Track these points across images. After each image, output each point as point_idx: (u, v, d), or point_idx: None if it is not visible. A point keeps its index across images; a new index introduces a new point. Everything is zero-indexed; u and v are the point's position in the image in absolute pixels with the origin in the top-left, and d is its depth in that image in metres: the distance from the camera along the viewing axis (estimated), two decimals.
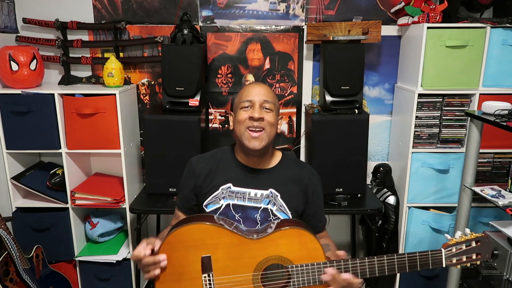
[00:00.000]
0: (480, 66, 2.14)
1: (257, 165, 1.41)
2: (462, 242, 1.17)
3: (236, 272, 1.19)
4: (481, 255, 1.18)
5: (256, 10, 2.39)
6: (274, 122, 1.38)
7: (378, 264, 1.18)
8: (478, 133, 1.79)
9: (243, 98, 1.38)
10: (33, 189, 2.24)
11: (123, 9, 2.38)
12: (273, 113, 1.37)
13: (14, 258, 1.90)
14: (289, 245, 1.19)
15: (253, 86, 1.42)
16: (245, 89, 1.42)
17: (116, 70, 2.20)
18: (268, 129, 1.34)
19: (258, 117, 1.33)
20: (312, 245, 1.20)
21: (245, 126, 1.34)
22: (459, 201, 1.89)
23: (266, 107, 1.36)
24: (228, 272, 1.19)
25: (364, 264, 1.18)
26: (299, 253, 1.19)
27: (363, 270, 1.18)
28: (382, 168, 2.45)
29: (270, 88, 1.45)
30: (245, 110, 1.36)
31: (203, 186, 1.39)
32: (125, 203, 2.26)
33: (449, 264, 1.16)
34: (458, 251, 1.17)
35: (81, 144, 2.20)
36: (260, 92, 1.38)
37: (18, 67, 2.12)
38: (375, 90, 2.51)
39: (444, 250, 1.17)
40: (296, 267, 1.18)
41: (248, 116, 1.34)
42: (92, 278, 2.37)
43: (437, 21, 2.10)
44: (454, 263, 1.17)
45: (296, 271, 1.18)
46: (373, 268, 1.18)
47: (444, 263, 1.16)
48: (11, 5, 2.33)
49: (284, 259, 1.20)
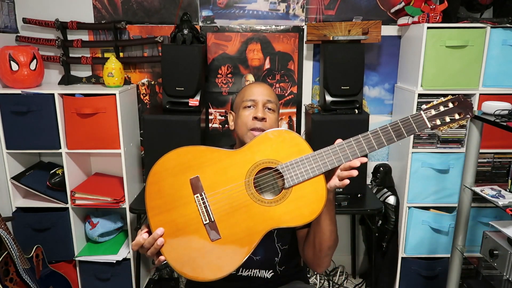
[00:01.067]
0: (480, 66, 2.14)
1: None
2: (439, 104, 1.17)
3: (227, 185, 1.16)
4: (463, 113, 1.17)
5: (256, 10, 2.39)
6: (276, 124, 1.38)
7: (365, 140, 1.15)
8: (478, 133, 1.79)
9: (246, 97, 1.38)
10: (33, 189, 2.24)
11: (123, 9, 2.38)
12: (275, 114, 1.38)
13: (14, 258, 1.90)
14: (273, 146, 1.17)
15: (256, 85, 1.42)
16: (247, 88, 1.42)
17: (116, 70, 2.20)
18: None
19: (261, 117, 1.33)
20: (295, 141, 1.17)
21: (248, 127, 1.34)
22: (459, 201, 1.89)
23: (268, 107, 1.37)
24: (219, 187, 1.16)
25: (351, 144, 1.15)
26: (285, 151, 1.16)
27: (352, 151, 1.15)
28: (382, 168, 2.45)
29: (271, 88, 1.44)
30: (248, 110, 1.36)
31: None
32: (125, 203, 2.26)
33: (433, 125, 1.15)
34: (437, 111, 1.16)
35: (81, 144, 2.20)
36: (263, 92, 1.38)
37: (18, 67, 2.12)
38: (375, 90, 2.51)
39: (423, 112, 1.16)
40: (285, 164, 1.15)
41: (252, 116, 1.34)
42: (92, 278, 2.37)
43: (437, 21, 2.10)
44: (439, 124, 1.16)
45: (287, 167, 1.15)
46: (360, 145, 1.15)
47: (429, 124, 1.14)
48: (11, 5, 2.33)
49: (272, 161, 1.16)
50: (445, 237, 2.31)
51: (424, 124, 1.15)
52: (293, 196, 1.14)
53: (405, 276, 2.38)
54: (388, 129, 1.14)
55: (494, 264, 1.66)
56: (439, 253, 2.34)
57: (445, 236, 2.31)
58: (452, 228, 2.22)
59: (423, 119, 1.15)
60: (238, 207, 1.14)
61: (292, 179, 1.14)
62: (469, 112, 1.17)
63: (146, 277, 2.63)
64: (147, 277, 2.65)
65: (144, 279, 2.56)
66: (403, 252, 2.37)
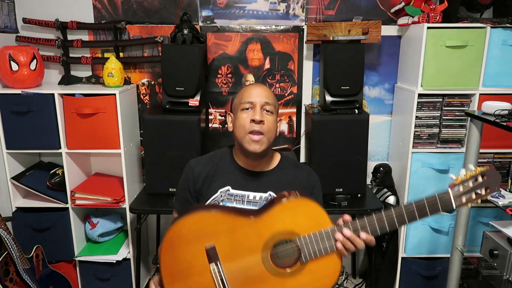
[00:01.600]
0: (480, 66, 2.14)
1: (255, 167, 1.40)
2: (468, 179, 1.11)
3: (244, 256, 1.14)
4: (490, 189, 1.11)
5: (256, 10, 2.39)
6: (274, 126, 1.36)
7: (387, 218, 1.13)
8: (478, 133, 1.79)
9: (244, 99, 1.36)
10: (33, 189, 2.24)
11: (123, 9, 2.38)
12: (273, 116, 1.36)
13: (14, 258, 1.90)
14: (293, 217, 1.15)
15: (254, 87, 1.40)
16: (245, 89, 1.40)
17: (116, 70, 2.20)
18: (268, 133, 1.33)
19: (259, 120, 1.31)
20: (316, 213, 1.15)
21: (246, 130, 1.32)
22: None
23: (267, 109, 1.35)
24: (235, 257, 1.14)
25: (373, 221, 1.13)
26: (304, 223, 1.14)
27: (373, 228, 1.13)
28: (382, 168, 2.45)
29: (270, 89, 1.43)
30: (246, 113, 1.34)
31: (202, 189, 1.38)
32: (125, 203, 2.26)
33: (459, 204, 1.10)
34: (466, 189, 1.10)
35: (81, 144, 2.20)
36: (261, 94, 1.36)
37: (18, 67, 2.12)
38: (375, 90, 2.51)
39: (451, 190, 1.10)
40: (304, 238, 1.13)
41: (250, 119, 1.32)
42: (92, 278, 2.37)
43: (437, 21, 2.10)
44: (464, 202, 1.10)
45: (305, 242, 1.13)
46: (382, 223, 1.13)
47: (454, 204, 1.10)
48: (11, 5, 2.33)
49: (291, 233, 1.14)
50: (445, 237, 2.31)
51: (450, 204, 1.11)
52: (308, 268, 1.15)
53: (405, 276, 2.38)
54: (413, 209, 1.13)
55: (494, 264, 1.66)
56: (439, 253, 2.34)
57: (445, 236, 2.31)
58: (452, 228, 2.22)
59: (449, 199, 1.11)
60: (254, 279, 1.14)
61: (310, 255, 1.14)
62: (496, 188, 1.11)
63: (146, 277, 2.63)
64: (147, 277, 2.65)
65: (144, 279, 2.56)
66: (403, 252, 2.36)
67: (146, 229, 2.66)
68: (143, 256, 2.50)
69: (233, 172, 1.40)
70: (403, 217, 1.13)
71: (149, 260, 2.68)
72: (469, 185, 1.11)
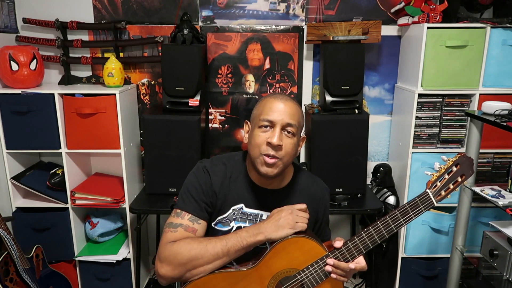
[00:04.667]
0: (480, 66, 2.14)
1: (269, 185, 1.31)
2: (444, 172, 1.17)
3: None
4: (465, 175, 1.17)
5: (256, 10, 2.39)
6: (293, 150, 1.22)
7: (376, 231, 1.17)
8: (478, 133, 1.79)
9: (264, 115, 1.20)
10: (33, 189, 2.24)
11: (123, 9, 2.38)
12: (294, 139, 1.21)
13: (14, 258, 1.90)
14: (288, 255, 1.17)
15: (278, 102, 1.21)
16: (267, 102, 1.23)
17: (116, 70, 2.20)
18: (284, 157, 1.20)
19: (276, 144, 1.17)
20: (309, 246, 1.18)
21: (260, 151, 1.19)
22: (459, 201, 1.89)
23: (288, 130, 1.20)
24: None
25: (363, 238, 1.17)
26: (300, 258, 1.18)
27: (365, 244, 1.17)
28: (382, 168, 2.45)
29: (297, 105, 1.25)
30: (263, 131, 1.20)
31: (215, 203, 1.28)
32: (125, 203, 2.26)
33: (439, 199, 1.16)
34: (443, 182, 1.16)
35: (81, 144, 2.20)
36: (284, 112, 1.19)
37: (18, 67, 2.12)
38: (375, 90, 2.51)
39: (430, 191, 1.17)
40: (303, 272, 1.18)
41: (266, 140, 1.18)
42: (92, 278, 2.37)
43: (437, 21, 2.10)
44: (444, 195, 1.17)
45: (305, 275, 1.18)
46: (372, 237, 1.17)
47: (435, 202, 1.16)
48: (11, 5, 2.33)
49: (290, 270, 1.18)
50: (445, 237, 2.31)
51: (431, 202, 1.16)
52: None
53: (405, 276, 2.38)
54: (397, 215, 1.17)
55: (494, 264, 1.66)
56: (439, 253, 2.34)
57: (445, 236, 2.31)
58: (452, 228, 2.22)
59: (430, 199, 1.16)
60: None
61: (311, 283, 1.19)
62: (470, 173, 1.17)
63: (146, 277, 2.63)
64: (147, 277, 2.65)
65: (144, 279, 2.56)
66: (403, 252, 2.37)
67: (146, 229, 2.66)
68: (143, 256, 2.50)
69: (247, 188, 1.30)
70: (390, 227, 1.18)
71: (149, 260, 2.68)
72: (445, 178, 1.18)
